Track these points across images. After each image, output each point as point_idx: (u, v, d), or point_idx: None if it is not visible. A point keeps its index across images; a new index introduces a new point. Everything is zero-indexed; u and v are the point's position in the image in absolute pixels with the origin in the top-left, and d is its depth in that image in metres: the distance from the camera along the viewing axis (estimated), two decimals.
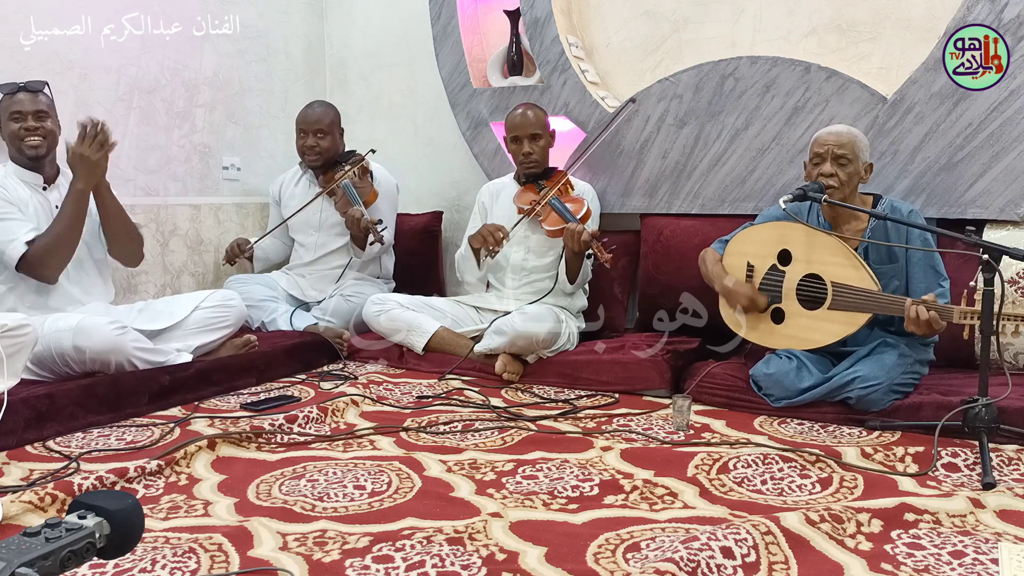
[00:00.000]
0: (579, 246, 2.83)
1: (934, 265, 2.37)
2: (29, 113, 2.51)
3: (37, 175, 2.59)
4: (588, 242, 2.80)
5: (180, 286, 3.47)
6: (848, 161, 2.38)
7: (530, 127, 3.09)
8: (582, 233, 2.81)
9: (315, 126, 3.41)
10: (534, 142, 3.10)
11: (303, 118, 3.45)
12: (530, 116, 3.11)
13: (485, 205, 3.29)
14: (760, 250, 2.54)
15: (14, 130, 2.51)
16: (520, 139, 3.10)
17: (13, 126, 2.51)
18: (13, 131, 2.51)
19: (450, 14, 3.55)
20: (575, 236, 2.82)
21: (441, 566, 1.47)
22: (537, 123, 3.11)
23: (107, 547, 1.02)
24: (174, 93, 3.45)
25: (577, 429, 2.32)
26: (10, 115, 2.51)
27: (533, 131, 3.09)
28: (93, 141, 2.45)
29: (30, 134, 2.51)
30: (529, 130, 3.09)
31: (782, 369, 2.40)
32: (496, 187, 3.31)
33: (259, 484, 1.90)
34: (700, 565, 1.40)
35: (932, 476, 1.92)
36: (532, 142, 3.09)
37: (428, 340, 3.03)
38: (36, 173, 2.59)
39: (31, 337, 2.17)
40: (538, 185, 3.13)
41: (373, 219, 3.23)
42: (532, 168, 3.12)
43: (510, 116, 3.15)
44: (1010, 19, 2.60)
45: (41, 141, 2.53)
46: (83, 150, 2.45)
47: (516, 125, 3.11)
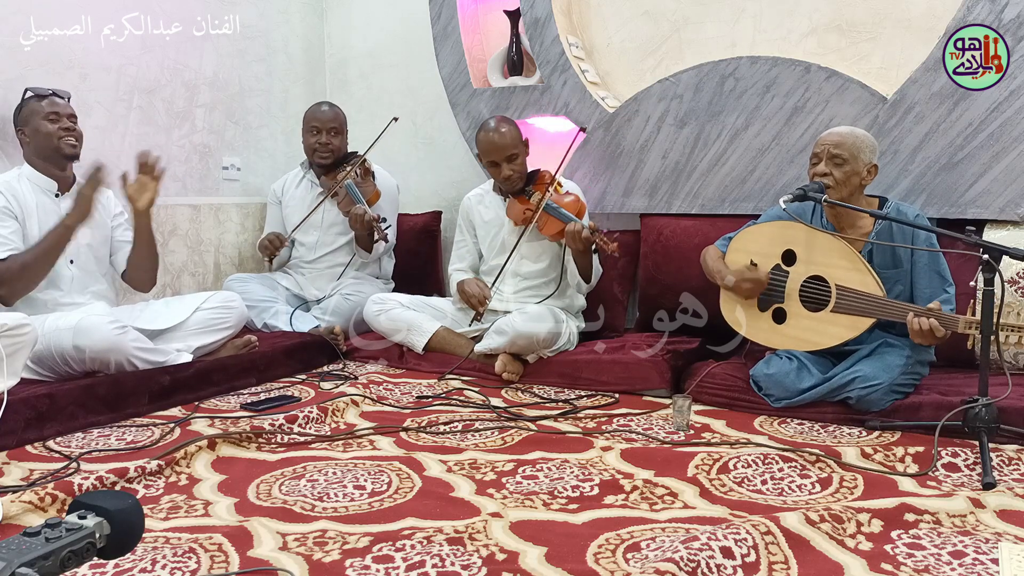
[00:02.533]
0: (582, 243, 2.81)
1: (939, 271, 2.36)
2: (65, 115, 2.56)
3: (52, 181, 2.60)
4: (589, 238, 2.78)
5: (180, 286, 3.47)
6: (844, 161, 2.37)
7: (506, 148, 2.94)
8: (582, 231, 2.79)
9: (329, 124, 3.43)
10: (512, 163, 2.96)
11: (316, 116, 3.45)
12: (503, 139, 2.94)
13: (470, 217, 3.21)
14: (764, 249, 2.54)
15: (51, 130, 2.53)
16: (498, 163, 2.96)
17: (50, 126, 2.53)
18: (50, 131, 2.53)
19: (450, 14, 3.55)
20: (576, 236, 2.81)
21: (441, 566, 1.47)
22: (512, 143, 2.96)
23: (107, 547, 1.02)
24: (174, 93, 3.45)
25: (577, 429, 2.32)
26: (47, 115, 2.54)
27: (510, 152, 2.95)
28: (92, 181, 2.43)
29: (68, 134, 2.55)
30: (506, 152, 2.94)
31: (782, 369, 2.40)
32: (476, 198, 3.22)
33: (259, 484, 1.90)
34: (700, 565, 1.41)
35: (932, 476, 1.92)
36: (510, 163, 2.96)
37: (428, 340, 3.03)
38: (51, 179, 2.59)
39: (31, 336, 2.17)
40: (526, 193, 3.02)
41: (377, 216, 3.23)
42: (515, 185, 3.02)
43: (483, 140, 2.98)
44: (1010, 19, 2.60)
45: (77, 142, 2.58)
46: (83, 188, 2.45)
47: (489, 151, 2.96)
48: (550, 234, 2.97)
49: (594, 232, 2.78)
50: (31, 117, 2.55)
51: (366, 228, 3.24)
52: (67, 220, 2.45)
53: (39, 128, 2.54)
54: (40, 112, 2.55)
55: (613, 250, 2.75)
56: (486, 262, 3.16)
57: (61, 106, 2.58)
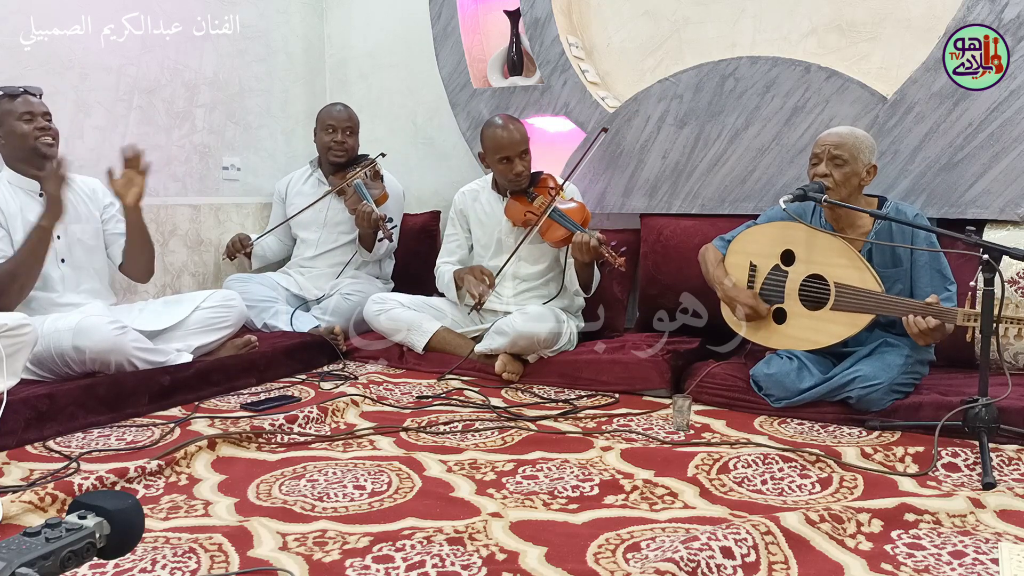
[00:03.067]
0: (590, 255, 2.78)
1: (940, 269, 2.36)
2: (39, 114, 2.51)
3: (34, 182, 2.56)
4: (598, 249, 2.74)
5: (180, 286, 3.47)
6: (844, 162, 2.37)
7: (520, 144, 2.95)
8: (590, 241, 2.75)
9: (346, 123, 3.49)
10: (524, 158, 2.97)
11: (332, 115, 3.50)
12: (517, 134, 2.95)
13: (464, 213, 3.19)
14: (763, 250, 2.54)
15: (27, 130, 2.48)
16: (511, 159, 2.95)
17: (25, 126, 2.48)
18: (26, 131, 2.48)
19: (450, 14, 3.55)
20: (584, 247, 2.76)
21: (441, 566, 1.47)
22: (524, 139, 2.97)
23: (107, 547, 1.02)
24: (174, 93, 3.45)
25: (577, 429, 2.32)
26: (20, 115, 2.48)
27: (522, 147, 2.96)
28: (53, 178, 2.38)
29: (44, 133, 2.51)
30: (519, 147, 2.95)
31: (783, 369, 2.40)
32: (471, 194, 3.20)
33: (259, 484, 1.90)
34: (700, 565, 1.41)
35: (932, 476, 1.92)
36: (523, 158, 2.96)
37: (428, 340, 3.03)
38: (33, 180, 2.56)
39: (31, 337, 2.17)
40: (528, 195, 3.01)
41: (383, 215, 3.24)
42: (524, 184, 3.02)
43: (494, 136, 2.96)
44: (1010, 19, 2.60)
45: (53, 141, 2.54)
46: (50, 188, 2.39)
47: (504, 146, 2.94)
48: (553, 240, 2.94)
49: (602, 244, 2.74)
50: (5, 118, 2.48)
51: (372, 226, 3.25)
52: (42, 221, 2.39)
53: (14, 129, 2.48)
54: (14, 112, 2.48)
55: (620, 264, 2.71)
56: (483, 261, 3.15)
57: (35, 104, 2.51)
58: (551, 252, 3.07)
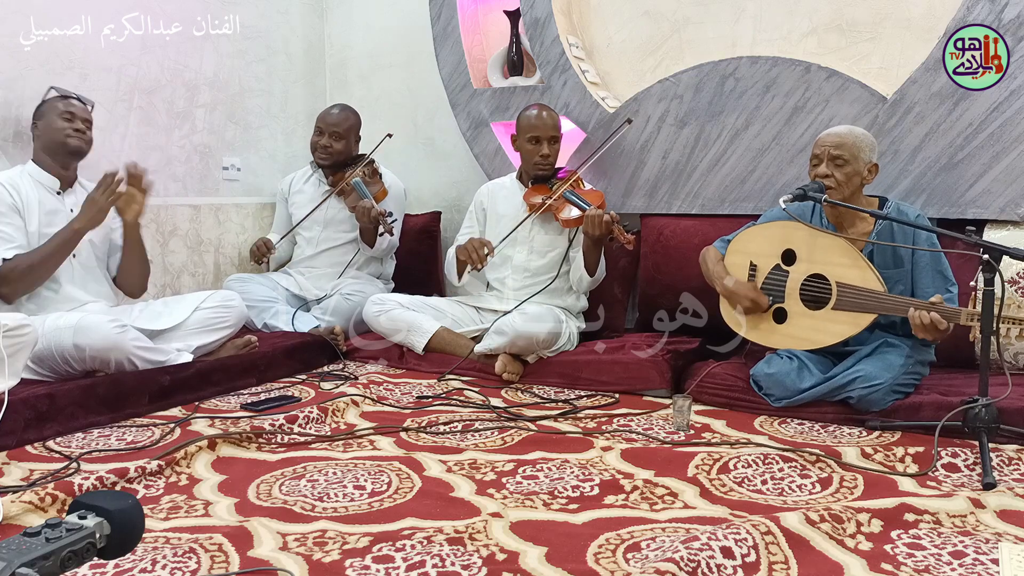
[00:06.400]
0: (601, 229, 2.83)
1: (942, 270, 2.36)
2: (80, 118, 2.62)
3: (55, 179, 2.63)
4: (610, 224, 2.81)
5: (180, 286, 3.47)
6: (845, 162, 2.37)
7: (551, 129, 3.08)
8: (603, 216, 2.82)
9: (332, 127, 3.49)
10: (552, 144, 3.09)
11: (323, 118, 3.53)
12: (551, 118, 3.09)
13: (484, 205, 3.26)
14: (764, 249, 2.54)
15: (62, 126, 2.58)
16: (540, 140, 3.07)
17: (62, 123, 2.59)
18: (61, 127, 2.58)
19: (450, 14, 3.56)
20: (596, 220, 2.83)
21: (441, 566, 1.47)
22: (555, 125, 3.10)
23: (107, 547, 1.02)
24: (174, 93, 3.45)
25: (577, 429, 2.32)
26: (61, 114, 2.60)
27: (552, 133, 3.08)
28: (106, 190, 2.52)
29: (77, 134, 2.61)
30: (550, 132, 3.07)
31: (783, 369, 2.40)
32: (495, 187, 3.29)
33: (259, 484, 1.90)
34: (700, 565, 1.40)
35: (932, 476, 1.92)
36: (551, 144, 3.08)
37: (428, 340, 3.03)
38: (54, 177, 2.63)
39: (31, 337, 2.17)
40: (549, 183, 3.12)
41: (383, 211, 3.25)
42: (545, 171, 3.11)
43: (528, 116, 3.10)
44: (1010, 19, 2.60)
45: (85, 142, 2.63)
46: (96, 195, 2.52)
47: (536, 126, 3.07)
48: (566, 220, 3.01)
49: (614, 221, 2.82)
50: (48, 112, 2.61)
51: (372, 221, 3.26)
52: (75, 224, 2.52)
53: (51, 123, 2.59)
54: (56, 110, 2.60)
55: (629, 241, 2.80)
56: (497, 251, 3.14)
57: (79, 109, 2.64)
58: (561, 244, 3.08)
